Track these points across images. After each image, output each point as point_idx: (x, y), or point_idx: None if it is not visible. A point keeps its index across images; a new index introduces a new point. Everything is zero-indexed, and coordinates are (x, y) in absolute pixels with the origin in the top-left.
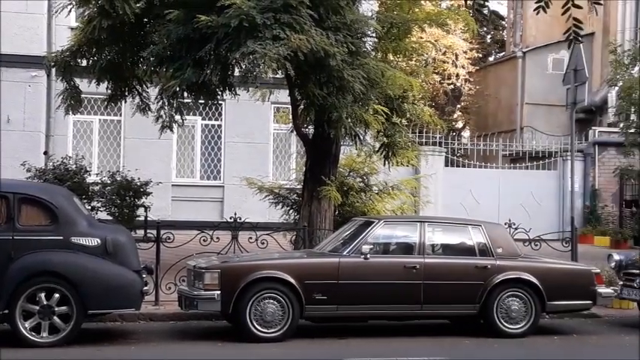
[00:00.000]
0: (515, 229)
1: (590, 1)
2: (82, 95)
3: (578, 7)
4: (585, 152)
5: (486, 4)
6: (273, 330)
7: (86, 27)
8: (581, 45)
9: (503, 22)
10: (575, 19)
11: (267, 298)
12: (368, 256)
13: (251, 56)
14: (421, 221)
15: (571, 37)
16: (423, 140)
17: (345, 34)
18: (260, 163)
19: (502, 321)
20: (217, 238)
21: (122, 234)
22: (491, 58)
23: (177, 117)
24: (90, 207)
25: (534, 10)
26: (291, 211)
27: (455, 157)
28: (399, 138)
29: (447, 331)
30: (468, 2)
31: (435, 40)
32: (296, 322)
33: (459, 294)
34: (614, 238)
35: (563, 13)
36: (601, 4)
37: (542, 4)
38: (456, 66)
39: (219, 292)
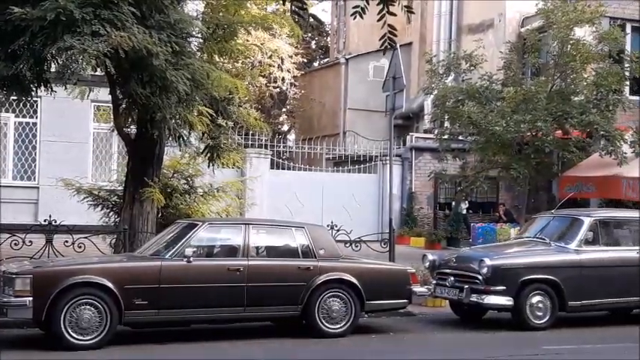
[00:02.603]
0: (337, 230)
1: (405, 10)
2: None
3: (393, 14)
4: (403, 157)
5: (305, 6)
6: (89, 337)
7: None
8: (399, 54)
9: (328, 29)
10: (390, 25)
11: (83, 304)
12: (191, 259)
13: (68, 52)
14: (245, 223)
15: (386, 44)
16: (249, 142)
17: (169, 33)
18: (79, 164)
19: (323, 321)
20: (30, 241)
21: None
22: (316, 64)
23: None
24: None
25: (351, 15)
26: (111, 213)
27: (280, 160)
28: (224, 140)
29: (273, 334)
30: (287, 5)
31: (261, 44)
32: (114, 329)
33: (282, 296)
34: (429, 239)
35: (379, 20)
36: (414, 13)
37: (359, 9)
38: (282, 70)
39: (30, 298)
